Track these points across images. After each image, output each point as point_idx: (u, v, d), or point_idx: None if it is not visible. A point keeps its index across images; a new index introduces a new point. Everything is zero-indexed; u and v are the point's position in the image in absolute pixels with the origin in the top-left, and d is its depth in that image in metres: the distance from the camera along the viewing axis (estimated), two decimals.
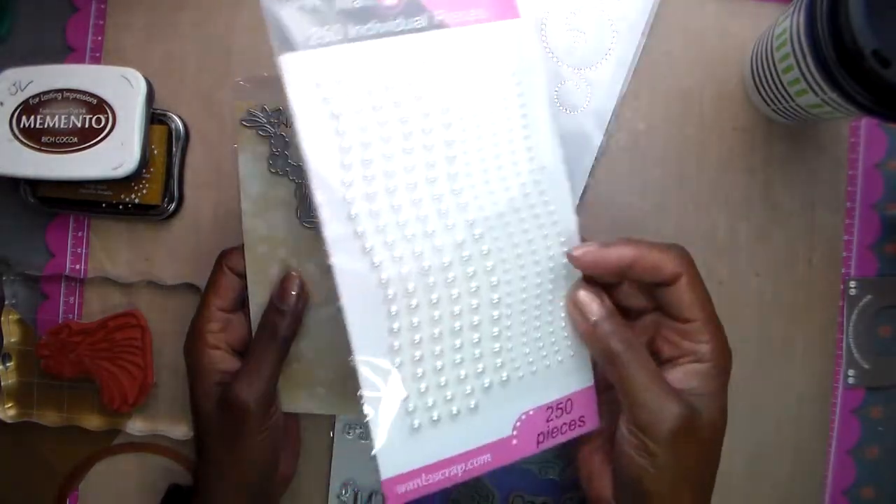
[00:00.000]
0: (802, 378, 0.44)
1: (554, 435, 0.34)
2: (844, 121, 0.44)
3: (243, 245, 0.37)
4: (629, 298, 0.35)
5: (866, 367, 0.44)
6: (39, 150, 0.40)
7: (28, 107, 0.40)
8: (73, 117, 0.40)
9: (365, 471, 0.44)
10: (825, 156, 0.44)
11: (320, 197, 0.29)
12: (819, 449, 0.44)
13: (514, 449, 0.33)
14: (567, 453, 0.42)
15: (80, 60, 0.44)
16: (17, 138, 0.40)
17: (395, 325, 0.30)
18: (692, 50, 0.43)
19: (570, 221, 0.33)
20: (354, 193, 0.29)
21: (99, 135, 0.40)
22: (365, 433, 0.44)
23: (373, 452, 0.30)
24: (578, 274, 0.34)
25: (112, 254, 0.45)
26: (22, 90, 0.40)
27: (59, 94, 0.40)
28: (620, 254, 0.32)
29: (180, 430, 0.44)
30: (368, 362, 0.30)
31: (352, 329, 0.29)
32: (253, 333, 0.37)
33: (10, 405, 0.44)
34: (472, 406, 0.32)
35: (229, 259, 0.37)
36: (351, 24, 0.29)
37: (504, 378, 0.32)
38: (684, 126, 0.44)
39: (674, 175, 0.44)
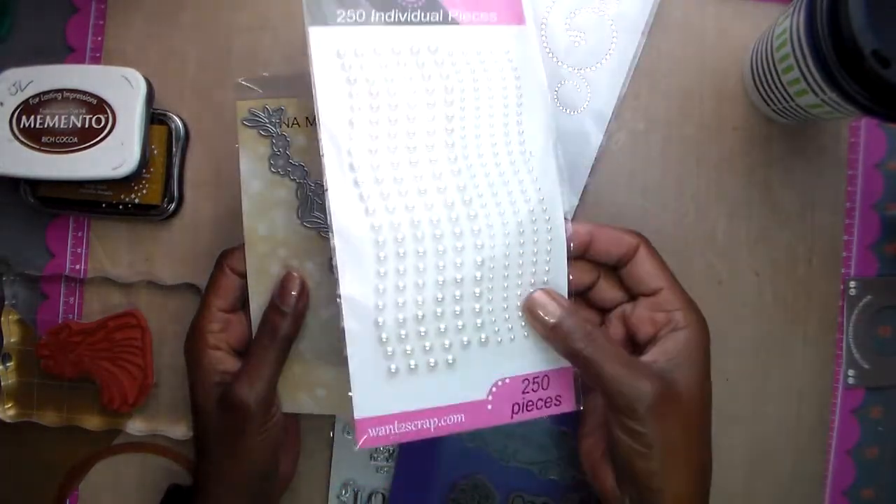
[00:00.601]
0: (802, 378, 0.44)
1: (529, 408, 0.35)
2: (844, 121, 0.44)
3: (244, 245, 0.37)
4: (603, 294, 0.37)
5: (866, 367, 0.44)
6: (39, 150, 0.40)
7: (28, 107, 0.40)
8: (73, 117, 0.40)
9: (365, 471, 0.44)
10: (825, 156, 0.44)
11: (327, 148, 0.32)
12: (819, 449, 0.44)
13: (487, 414, 0.34)
14: (567, 454, 0.42)
15: (80, 60, 0.44)
16: (17, 138, 0.40)
17: (382, 269, 0.32)
18: (692, 50, 0.43)
19: (556, 202, 0.35)
20: (359, 147, 0.32)
21: (99, 135, 0.40)
22: None
23: (350, 393, 0.31)
24: (561, 255, 0.35)
25: (112, 254, 0.45)
26: (22, 90, 0.40)
27: (59, 94, 0.40)
28: (583, 230, 0.35)
29: (180, 430, 0.44)
30: (353, 299, 0.31)
31: (341, 266, 0.31)
32: (253, 334, 0.37)
33: (10, 405, 0.44)
34: (450, 361, 0.33)
35: (230, 259, 0.37)
36: (375, 11, 0.33)
37: (483, 339, 0.34)
38: (684, 126, 0.44)
39: (674, 175, 0.44)
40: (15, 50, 0.45)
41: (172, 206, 0.43)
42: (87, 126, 0.40)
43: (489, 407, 0.34)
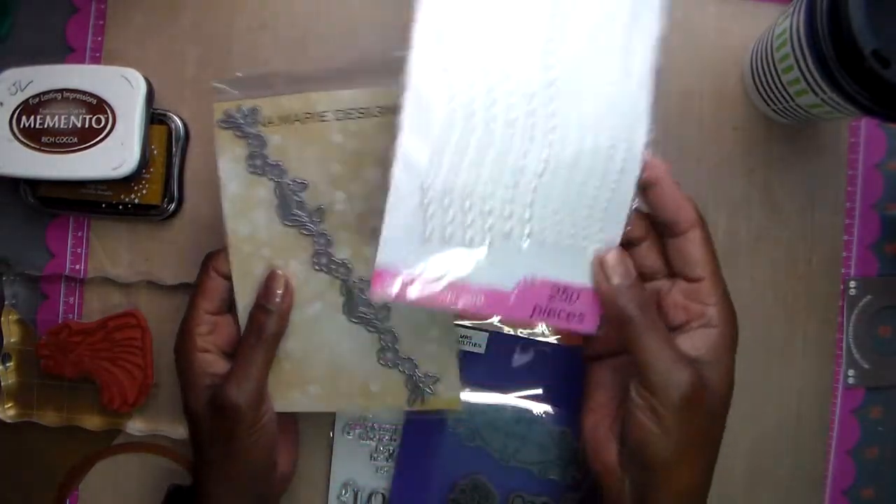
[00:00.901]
0: (802, 378, 0.44)
1: (549, 315, 0.34)
2: (844, 121, 0.44)
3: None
4: (644, 259, 0.35)
5: (866, 367, 0.44)
6: (39, 150, 0.40)
7: (28, 107, 0.40)
8: (73, 117, 0.40)
9: (365, 471, 0.44)
10: (825, 156, 0.44)
11: (422, 14, 0.31)
12: (819, 449, 0.44)
13: (508, 306, 0.34)
14: (567, 454, 0.42)
15: (80, 60, 0.44)
16: (17, 138, 0.40)
17: (446, 136, 0.31)
18: (692, 50, 0.43)
19: (639, 134, 0.34)
20: (451, 23, 0.31)
21: (99, 135, 0.40)
22: (364, 433, 0.44)
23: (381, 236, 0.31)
24: (633, 173, 0.34)
25: (112, 254, 0.45)
26: (22, 90, 0.40)
27: (59, 94, 0.40)
28: (657, 167, 0.34)
29: (180, 430, 0.44)
30: (407, 154, 0.31)
31: (406, 121, 0.31)
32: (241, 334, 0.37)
33: (10, 405, 0.44)
34: (487, 242, 0.33)
35: (214, 261, 0.37)
36: None
37: (526, 232, 0.33)
38: (684, 126, 0.44)
39: (674, 175, 0.44)
40: (15, 50, 0.44)
41: (172, 206, 0.43)
42: (87, 126, 0.40)
43: (511, 300, 0.33)
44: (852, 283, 0.44)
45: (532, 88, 0.32)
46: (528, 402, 0.42)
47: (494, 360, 0.42)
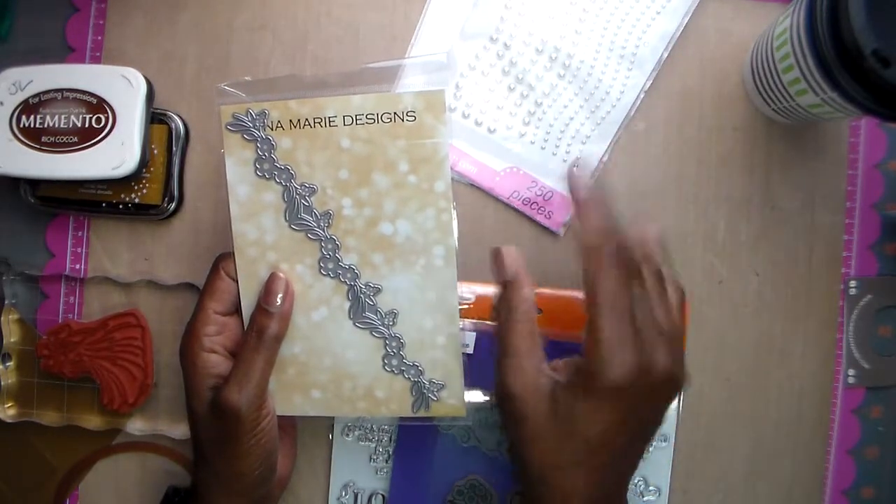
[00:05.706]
0: (802, 378, 0.44)
1: (524, 202, 0.43)
2: (844, 121, 0.44)
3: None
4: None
5: (866, 367, 0.44)
6: (39, 149, 0.40)
7: (28, 106, 0.40)
8: (73, 117, 0.40)
9: (365, 473, 0.44)
10: (825, 156, 0.44)
11: None
12: (819, 449, 0.44)
13: (493, 182, 0.43)
14: None
15: (80, 60, 0.44)
16: (17, 138, 0.40)
17: (501, 26, 0.42)
18: (692, 50, 0.44)
19: (631, 96, 0.42)
20: None
21: (99, 134, 0.40)
22: (364, 435, 0.44)
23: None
24: (610, 133, 0.42)
25: (112, 254, 0.45)
26: (22, 90, 0.40)
27: (59, 93, 0.40)
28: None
29: (180, 430, 0.44)
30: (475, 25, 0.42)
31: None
32: None
33: (10, 405, 0.44)
34: (490, 129, 0.42)
35: (225, 263, 0.37)
36: None
37: (522, 133, 0.41)
38: (684, 126, 0.44)
39: (674, 175, 0.44)
40: (15, 50, 0.45)
41: (172, 206, 0.43)
42: (87, 126, 0.40)
43: (497, 178, 0.43)
44: (852, 283, 0.44)
45: (566, 32, 0.41)
46: None
47: (483, 359, 0.42)
